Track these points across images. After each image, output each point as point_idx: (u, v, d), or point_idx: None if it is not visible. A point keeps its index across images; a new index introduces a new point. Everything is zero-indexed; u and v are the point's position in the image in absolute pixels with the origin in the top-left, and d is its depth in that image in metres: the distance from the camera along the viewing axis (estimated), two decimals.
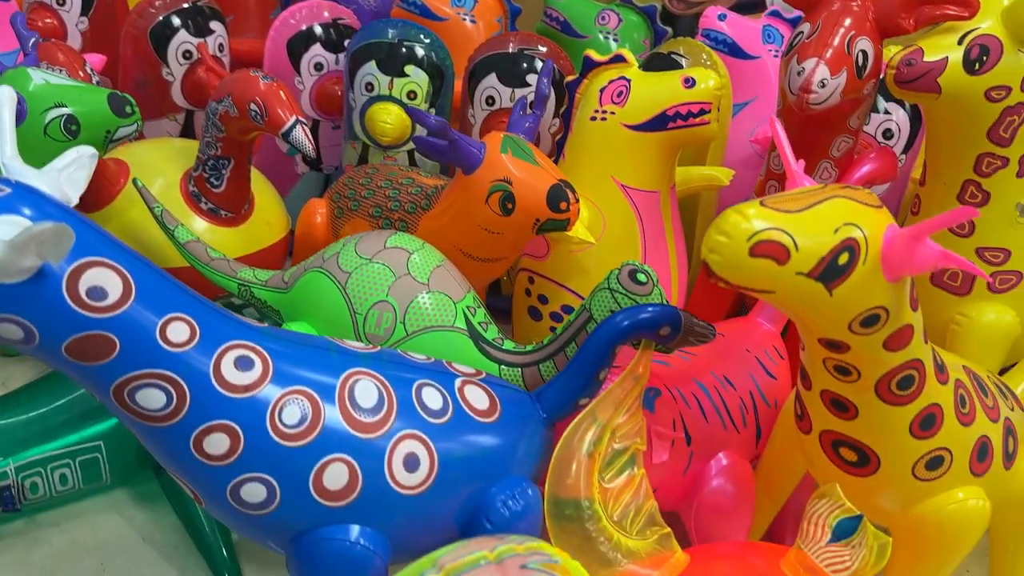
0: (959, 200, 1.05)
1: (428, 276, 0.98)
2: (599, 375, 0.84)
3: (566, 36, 1.63)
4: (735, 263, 0.65)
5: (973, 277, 1.08)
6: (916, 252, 0.67)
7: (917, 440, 0.80)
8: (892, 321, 0.71)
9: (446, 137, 1.01)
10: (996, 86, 0.95)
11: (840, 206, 0.67)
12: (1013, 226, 1.05)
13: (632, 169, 1.15)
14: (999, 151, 1.00)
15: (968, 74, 0.95)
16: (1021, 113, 0.98)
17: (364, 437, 0.71)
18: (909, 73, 0.94)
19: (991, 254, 1.06)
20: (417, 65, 1.36)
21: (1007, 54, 0.95)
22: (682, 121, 1.11)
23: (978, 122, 0.99)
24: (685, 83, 1.11)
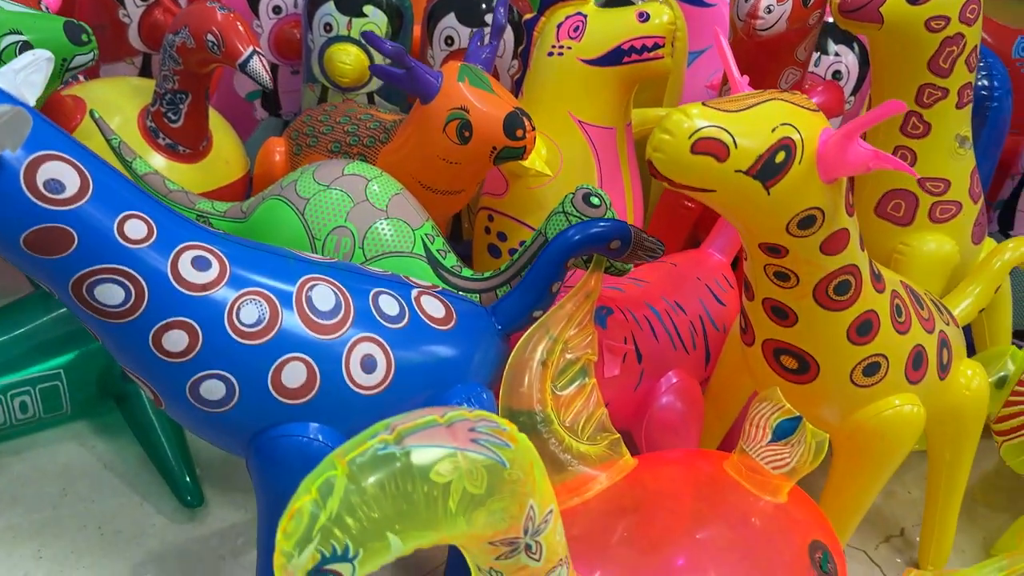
0: (902, 132, 1.08)
1: (387, 203, 1.00)
2: (552, 288, 0.87)
3: None
4: (677, 160, 0.68)
5: (915, 207, 1.11)
6: (849, 152, 0.70)
7: (854, 346, 0.83)
8: (828, 223, 0.74)
9: (403, 64, 1.03)
10: (935, 16, 0.99)
11: (778, 108, 0.70)
12: (952, 156, 1.09)
13: (589, 105, 1.18)
14: (939, 82, 1.04)
15: (909, 3, 0.98)
16: (959, 44, 1.01)
17: (321, 338, 0.73)
18: (853, 2, 0.97)
19: (932, 184, 1.10)
20: (376, 5, 1.36)
21: None
22: (636, 55, 1.14)
23: (918, 53, 1.02)
24: (639, 17, 1.13)
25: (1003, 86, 1.31)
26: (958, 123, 1.08)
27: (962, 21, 1.00)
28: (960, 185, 1.11)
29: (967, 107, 1.08)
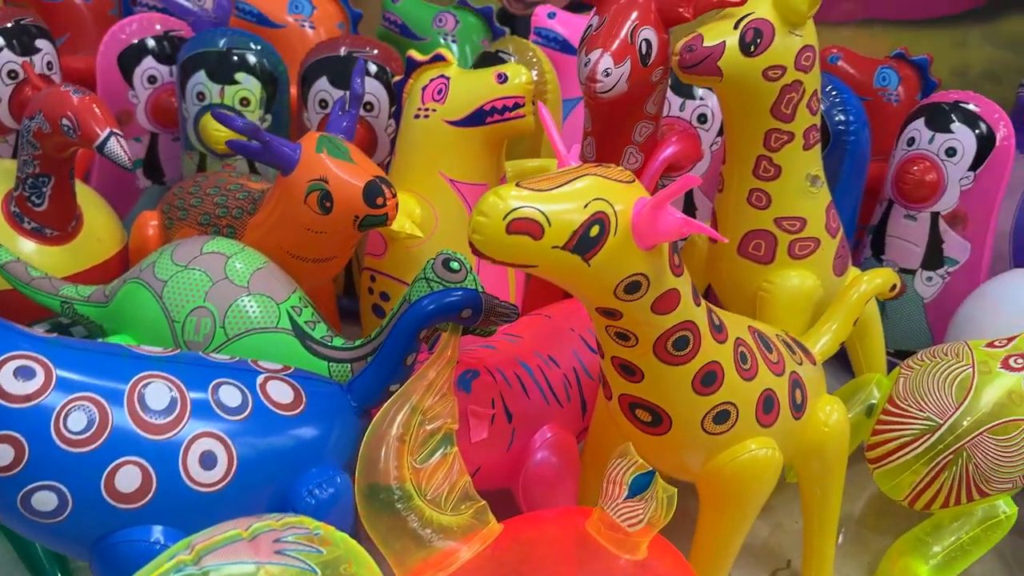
0: (755, 176, 1.12)
1: (248, 279, 1.00)
2: (406, 360, 0.87)
3: (405, 39, 1.66)
4: (495, 240, 0.70)
5: (775, 246, 1.15)
6: (660, 221, 0.72)
7: (701, 396, 0.86)
8: (654, 286, 0.77)
9: (258, 139, 1.03)
10: (771, 66, 1.03)
11: (591, 183, 0.73)
12: (805, 196, 1.14)
13: (458, 163, 1.19)
14: (784, 127, 1.08)
15: (745, 56, 1.02)
16: (798, 90, 1.06)
17: (156, 438, 0.73)
18: (691, 58, 1.01)
19: (788, 223, 1.14)
20: (248, 72, 1.37)
21: (779, 36, 1.02)
22: (499, 115, 1.16)
23: (761, 101, 1.06)
24: (498, 79, 1.16)
25: (858, 119, 1.36)
26: (807, 163, 1.12)
27: (798, 69, 1.05)
28: (816, 222, 1.15)
29: (814, 148, 1.12)
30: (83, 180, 1.55)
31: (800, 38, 1.04)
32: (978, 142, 1.33)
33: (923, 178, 1.35)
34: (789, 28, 1.03)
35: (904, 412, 1.04)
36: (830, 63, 1.55)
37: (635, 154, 1.15)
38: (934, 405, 1.03)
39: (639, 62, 1.02)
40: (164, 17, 1.55)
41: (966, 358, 1.05)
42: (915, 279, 1.40)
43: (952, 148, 1.34)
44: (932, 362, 1.07)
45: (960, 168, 1.34)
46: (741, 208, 1.15)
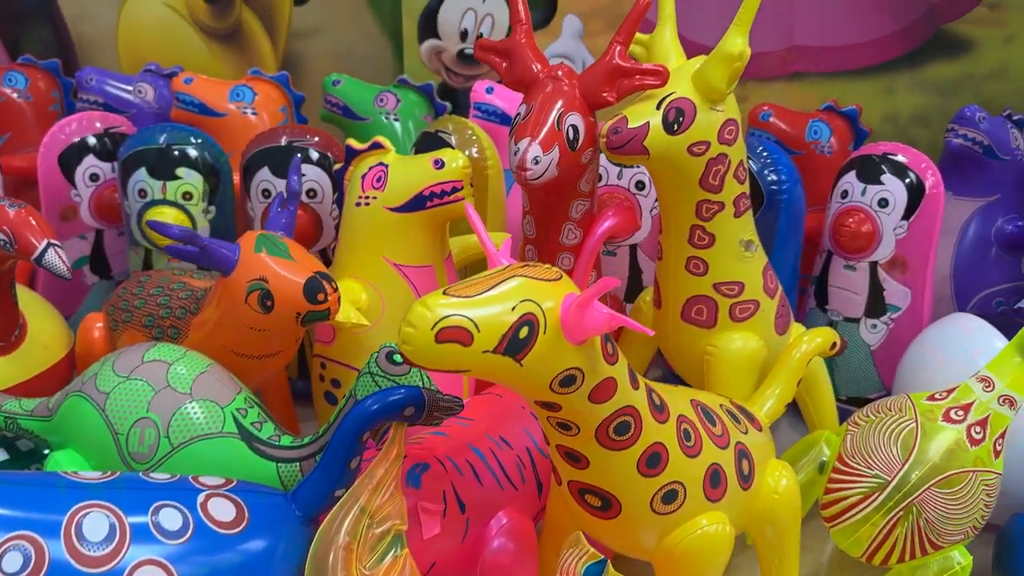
0: (690, 244, 1.15)
1: (190, 385, 0.99)
2: (350, 464, 0.87)
3: (348, 120, 1.68)
4: (425, 350, 0.71)
5: (716, 310, 1.18)
6: (587, 318, 0.74)
7: (647, 478, 0.87)
8: (589, 378, 0.78)
9: (194, 243, 1.04)
10: (696, 142, 1.06)
11: (517, 285, 0.74)
12: (741, 260, 1.16)
13: (402, 248, 1.21)
14: (713, 197, 1.11)
15: (668, 135, 1.04)
16: (724, 163, 1.09)
17: (95, 571, 0.72)
18: (617, 140, 1.04)
19: (727, 288, 1.16)
20: (189, 167, 1.38)
21: (700, 113, 1.05)
22: (438, 200, 1.18)
23: (689, 175, 1.09)
24: (435, 165, 1.18)
25: (790, 177, 1.40)
26: (739, 230, 1.15)
27: (722, 142, 1.08)
28: (754, 285, 1.18)
29: (746, 214, 1.15)
30: (29, 279, 1.54)
31: (721, 113, 1.07)
32: (908, 192, 1.37)
33: (859, 230, 1.39)
34: (710, 105, 1.06)
35: (853, 470, 1.06)
36: (762, 120, 1.59)
37: (573, 230, 1.17)
38: (881, 462, 1.04)
39: (567, 147, 1.04)
40: (104, 114, 1.56)
41: (909, 412, 1.07)
42: (860, 327, 1.43)
43: (884, 199, 1.38)
44: (877, 418, 1.09)
45: (893, 218, 1.38)
46: (680, 275, 1.17)
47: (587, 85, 1.06)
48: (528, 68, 1.08)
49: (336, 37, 1.89)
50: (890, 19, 1.71)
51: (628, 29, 1.05)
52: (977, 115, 1.53)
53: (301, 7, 1.87)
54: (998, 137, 1.54)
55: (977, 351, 1.23)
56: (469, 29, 1.80)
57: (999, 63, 1.73)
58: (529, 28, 1.11)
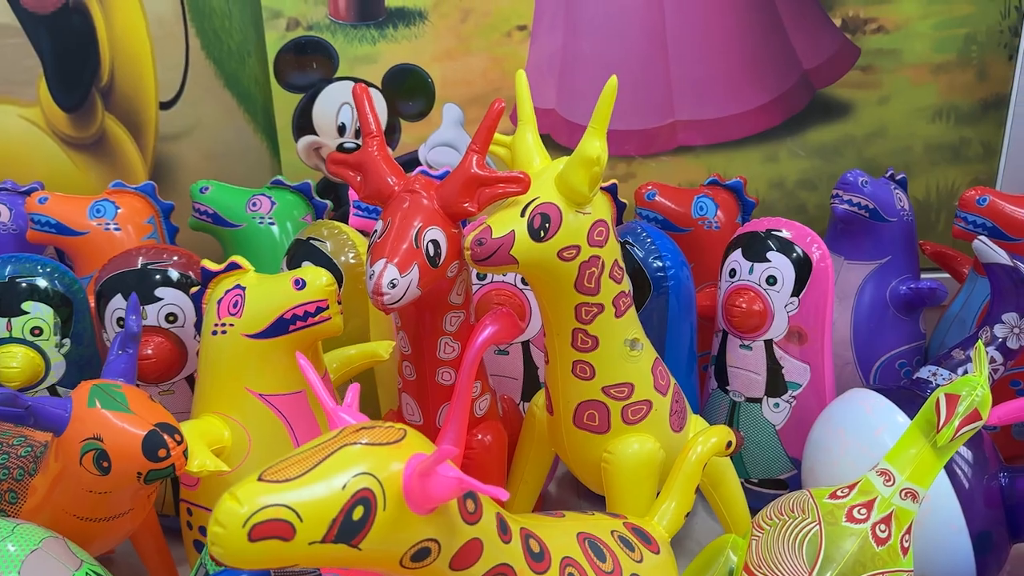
0: (575, 348, 1.09)
1: (20, 565, 0.88)
2: None
3: (220, 228, 1.59)
4: (238, 553, 0.61)
5: (607, 414, 1.11)
6: (431, 486, 0.66)
7: None
8: (447, 546, 0.70)
9: (17, 405, 0.93)
10: (565, 247, 1.01)
11: (349, 456, 0.65)
12: (627, 361, 1.11)
13: (267, 377, 1.11)
14: (591, 300, 1.05)
15: (535, 242, 0.99)
16: (597, 264, 1.04)
17: None
18: (482, 252, 0.98)
19: (616, 390, 1.11)
20: (37, 299, 1.27)
21: (567, 217, 1.00)
22: (301, 323, 1.09)
23: (562, 280, 1.03)
24: (296, 285, 1.10)
25: (675, 261, 1.36)
26: (623, 330, 1.10)
27: (592, 245, 1.03)
28: (644, 385, 1.12)
29: (627, 313, 1.10)
30: None
31: (589, 215, 1.02)
32: (795, 267, 1.34)
33: (750, 309, 1.35)
34: (576, 208, 1.01)
35: None
36: (648, 200, 1.56)
37: (450, 343, 1.10)
38: (788, 569, 0.98)
39: (428, 264, 0.97)
40: None
41: (812, 514, 1.02)
42: (762, 407, 1.38)
43: (772, 277, 1.35)
44: (780, 521, 1.03)
45: (783, 295, 1.35)
46: (568, 380, 1.11)
47: (446, 197, 1.00)
48: (383, 182, 1.02)
49: (209, 137, 1.81)
50: (766, 88, 1.72)
51: (483, 137, 1.00)
52: (859, 179, 1.53)
53: (168, 111, 1.78)
54: (882, 199, 1.54)
55: (880, 429, 1.20)
56: (346, 123, 1.74)
57: (877, 123, 1.74)
58: (382, 140, 1.05)
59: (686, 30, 1.68)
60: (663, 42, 1.68)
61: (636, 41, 1.68)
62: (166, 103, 1.79)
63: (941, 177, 1.78)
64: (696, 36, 1.68)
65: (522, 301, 1.34)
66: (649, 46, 1.68)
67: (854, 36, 1.70)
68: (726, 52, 1.70)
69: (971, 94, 1.73)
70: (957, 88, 1.72)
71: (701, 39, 1.68)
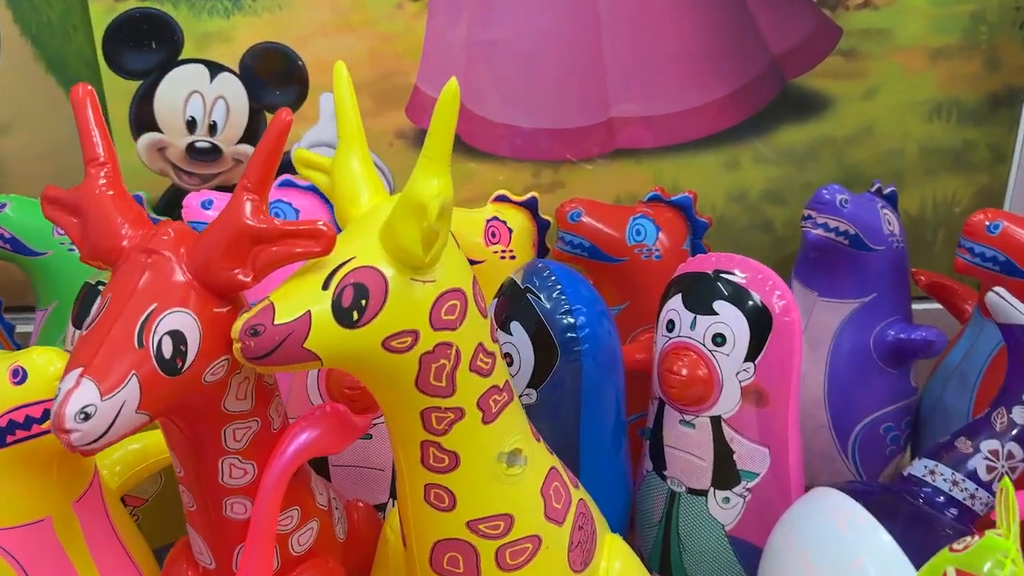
0: (425, 466, 0.75)
1: None
2: None
3: (21, 256, 1.24)
4: None
5: (476, 559, 0.78)
6: None
7: None
8: None
9: None
10: (391, 335, 0.67)
11: None
12: (503, 482, 0.77)
13: None
14: (444, 403, 0.72)
15: (345, 328, 0.65)
16: (448, 355, 0.70)
17: None
18: (258, 347, 0.63)
19: (488, 525, 0.77)
20: None
21: (395, 288, 0.66)
22: (24, 432, 0.75)
23: (397, 377, 0.70)
24: (13, 377, 0.75)
25: (590, 314, 1.01)
26: (495, 441, 0.76)
27: (439, 328, 0.69)
28: (527, 515, 0.79)
29: (504, 414, 0.76)
30: None
31: (433, 284, 0.68)
32: (751, 323, 1.01)
33: (692, 375, 1.02)
34: (408, 273, 0.67)
35: None
36: (571, 221, 1.22)
37: (239, 465, 0.75)
38: None
39: (158, 373, 0.63)
40: None
41: None
42: (708, 502, 1.06)
43: (720, 335, 1.01)
44: None
45: (734, 360, 1.01)
46: (420, 511, 0.78)
47: (204, 260, 0.66)
48: (109, 234, 0.68)
49: (31, 135, 1.45)
50: (725, 78, 1.37)
51: (261, 168, 0.66)
52: (837, 197, 1.19)
53: None
54: (866, 223, 1.20)
55: (859, 559, 0.87)
56: (197, 117, 1.38)
57: (862, 122, 1.40)
58: (114, 169, 0.70)
59: (624, 4, 1.33)
60: (595, 18, 1.33)
61: (561, 17, 1.33)
62: None
63: (939, 188, 1.45)
64: (636, 11, 1.33)
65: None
66: (577, 22, 1.33)
67: (834, 12, 1.36)
68: (675, 32, 1.35)
69: (977, 86, 1.39)
70: (960, 79, 1.39)
71: (642, 15, 1.33)
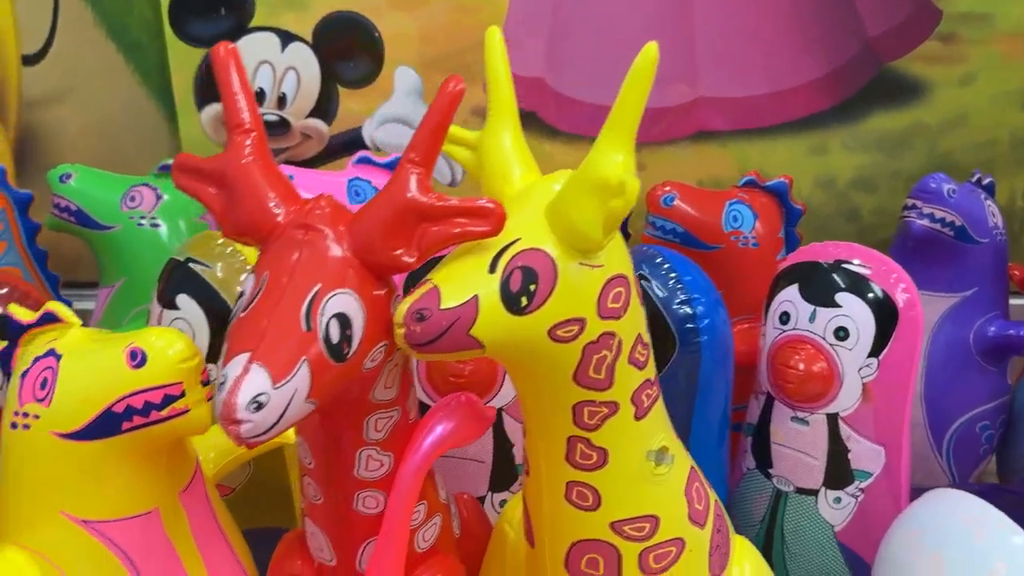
0: (570, 463, 0.70)
1: None
2: None
3: (87, 229, 1.18)
4: None
5: (618, 562, 0.73)
6: None
7: None
8: None
9: None
10: (559, 323, 0.62)
11: None
12: (650, 482, 0.72)
13: (93, 496, 0.72)
14: (599, 397, 0.67)
15: (513, 315, 0.60)
16: (610, 346, 0.65)
17: None
18: (424, 332, 0.58)
19: (633, 527, 0.73)
20: None
21: (565, 274, 0.61)
22: (141, 418, 0.70)
23: (556, 369, 0.65)
24: (131, 359, 0.70)
25: (709, 303, 0.97)
26: (645, 437, 0.71)
27: (605, 317, 0.64)
28: (673, 516, 0.74)
29: (653, 411, 0.72)
30: None
31: (602, 269, 0.63)
32: (876, 317, 0.96)
33: (810, 371, 0.97)
34: (578, 257, 0.62)
35: None
36: (664, 205, 1.16)
37: (376, 456, 0.70)
38: None
39: (327, 359, 0.58)
40: None
41: None
42: (818, 503, 1.01)
43: (843, 328, 0.97)
44: None
45: (858, 355, 0.96)
46: (560, 510, 0.73)
47: (366, 238, 0.61)
48: (258, 209, 0.62)
49: (89, 104, 1.39)
50: (819, 60, 1.32)
51: (428, 140, 0.60)
52: (945, 187, 1.15)
53: (33, 67, 1.36)
54: (973, 215, 1.16)
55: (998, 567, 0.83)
56: (266, 88, 1.32)
57: (957, 109, 1.35)
58: (261, 137, 0.64)
59: None
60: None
61: None
62: (31, 56, 1.36)
63: None
64: None
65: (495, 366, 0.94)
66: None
67: None
68: (770, 13, 1.30)
69: None
70: None
71: None
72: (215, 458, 0.87)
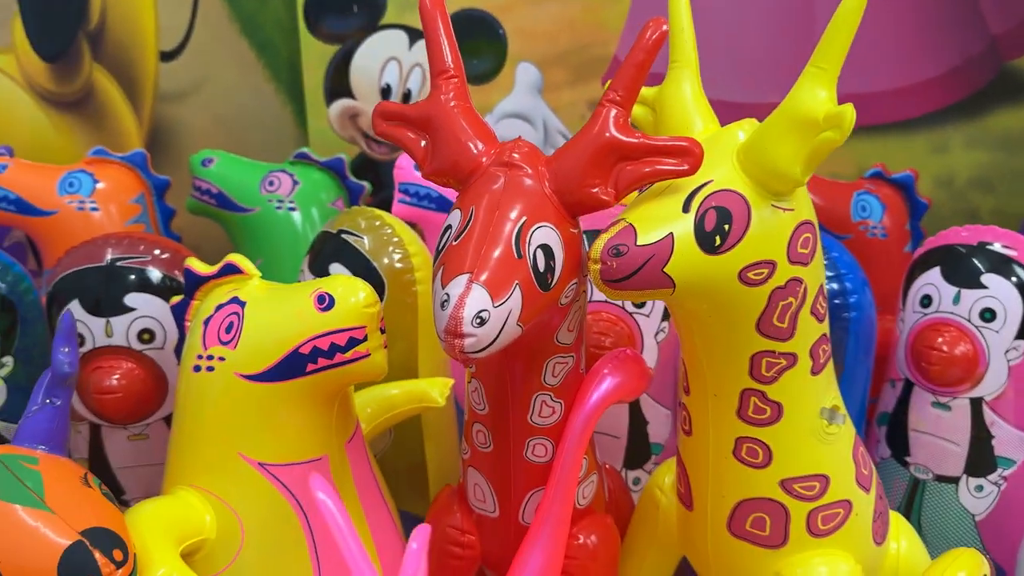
0: (741, 418, 0.71)
1: None
2: None
3: (226, 212, 1.23)
4: None
5: (785, 521, 0.73)
6: None
7: None
8: None
9: None
10: (751, 264, 0.63)
11: None
12: (822, 440, 0.72)
13: (270, 439, 0.74)
14: (780, 347, 0.67)
15: (706, 253, 0.61)
16: (796, 293, 0.65)
17: None
18: (621, 268, 0.60)
19: (803, 486, 0.72)
20: None
21: (758, 215, 0.62)
22: (325, 360, 0.72)
23: (740, 316, 0.65)
24: (318, 303, 0.72)
25: (856, 284, 0.97)
26: (820, 393, 0.71)
27: (794, 262, 0.64)
28: (842, 477, 0.74)
29: (827, 368, 0.72)
30: None
31: (792, 213, 0.64)
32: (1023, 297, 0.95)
33: (952, 353, 0.96)
34: (772, 200, 0.63)
35: None
36: None
37: (549, 403, 0.72)
38: None
39: (535, 286, 0.60)
40: None
41: None
42: (959, 490, 0.99)
43: (989, 310, 0.95)
44: None
45: (1004, 336, 0.95)
46: (726, 466, 0.73)
47: (565, 175, 0.63)
48: (462, 149, 0.65)
49: (220, 98, 1.45)
50: (941, 56, 1.32)
51: (631, 78, 0.62)
52: None
53: (170, 63, 1.42)
54: None
55: None
56: (392, 84, 1.37)
57: None
58: (463, 83, 0.67)
59: None
60: None
61: None
62: (168, 53, 1.43)
63: None
64: None
65: (631, 331, 0.95)
66: None
67: None
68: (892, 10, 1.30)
69: None
70: None
71: None
72: (371, 414, 0.89)
